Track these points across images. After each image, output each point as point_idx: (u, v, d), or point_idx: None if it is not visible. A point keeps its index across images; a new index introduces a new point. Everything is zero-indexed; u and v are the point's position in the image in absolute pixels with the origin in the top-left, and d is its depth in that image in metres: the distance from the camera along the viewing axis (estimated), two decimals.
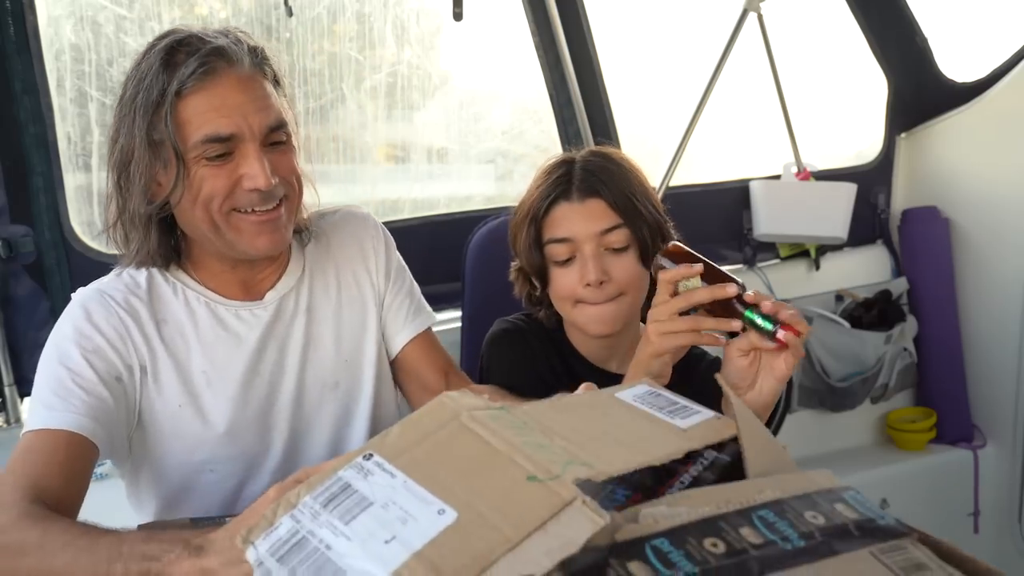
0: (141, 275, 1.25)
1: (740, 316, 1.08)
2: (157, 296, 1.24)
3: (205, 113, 1.11)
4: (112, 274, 1.27)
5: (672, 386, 1.25)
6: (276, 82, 1.21)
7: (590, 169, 1.33)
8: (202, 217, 1.15)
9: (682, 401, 0.76)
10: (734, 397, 0.72)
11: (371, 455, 0.69)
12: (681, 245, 1.15)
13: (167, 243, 1.22)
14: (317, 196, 1.36)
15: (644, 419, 0.74)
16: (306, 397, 1.30)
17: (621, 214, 1.30)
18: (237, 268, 1.26)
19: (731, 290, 1.07)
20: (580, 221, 1.30)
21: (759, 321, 1.07)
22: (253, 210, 1.16)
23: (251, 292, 1.28)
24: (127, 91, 1.15)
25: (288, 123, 1.19)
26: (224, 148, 1.12)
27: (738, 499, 0.60)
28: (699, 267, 1.09)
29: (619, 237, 1.30)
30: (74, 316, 1.19)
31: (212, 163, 1.13)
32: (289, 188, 1.20)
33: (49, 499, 1.02)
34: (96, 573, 0.88)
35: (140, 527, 1.04)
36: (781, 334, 1.06)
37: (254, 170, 1.13)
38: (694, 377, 1.30)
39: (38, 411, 1.12)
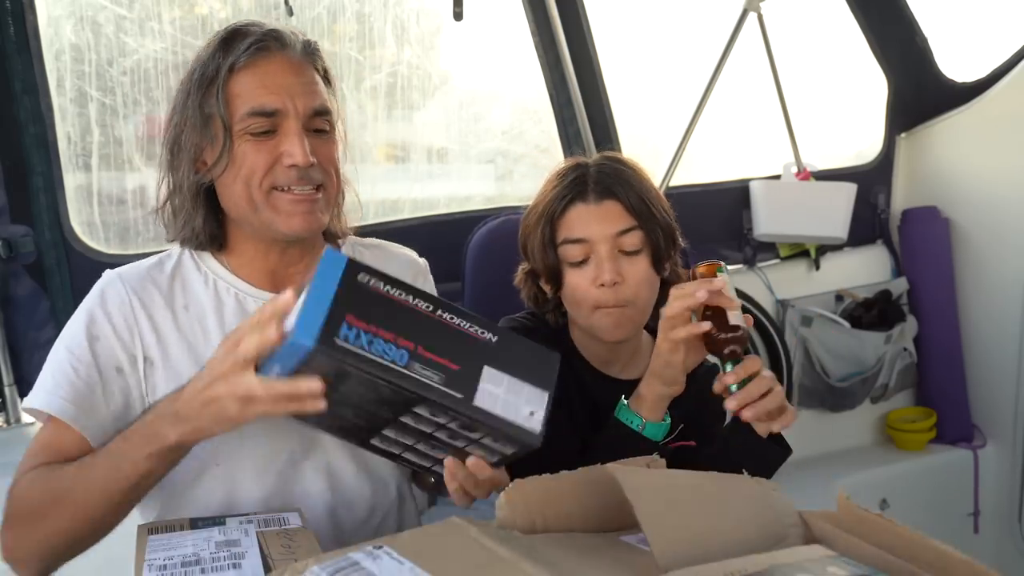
0: (171, 261, 1.27)
1: (720, 354, 1.12)
2: (182, 282, 1.25)
3: (254, 88, 1.15)
4: (151, 259, 1.28)
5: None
6: (327, 80, 1.25)
7: (606, 172, 1.34)
8: (242, 193, 1.18)
9: None
10: (632, 495, 0.74)
11: (381, 547, 0.72)
12: (713, 267, 1.17)
13: (212, 222, 1.24)
14: (358, 197, 1.36)
15: (638, 552, 0.77)
16: None
17: (636, 216, 1.30)
18: (269, 254, 1.26)
19: (717, 283, 1.11)
20: (596, 222, 1.31)
21: (726, 377, 1.12)
22: (291, 189, 1.18)
23: (279, 285, 1.26)
24: (187, 73, 1.21)
25: (332, 113, 1.22)
26: (268, 124, 1.16)
27: (725, 571, 0.62)
28: (720, 282, 1.13)
29: (634, 240, 1.30)
30: (92, 298, 1.22)
31: (256, 139, 1.16)
32: (327, 177, 1.21)
33: None
34: (108, 477, 1.05)
35: (140, 527, 1.04)
36: (730, 402, 1.12)
37: (293, 146, 1.15)
38: (691, 384, 1.31)
39: (44, 393, 1.16)
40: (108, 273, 1.24)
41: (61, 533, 1.08)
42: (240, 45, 1.16)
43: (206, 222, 1.23)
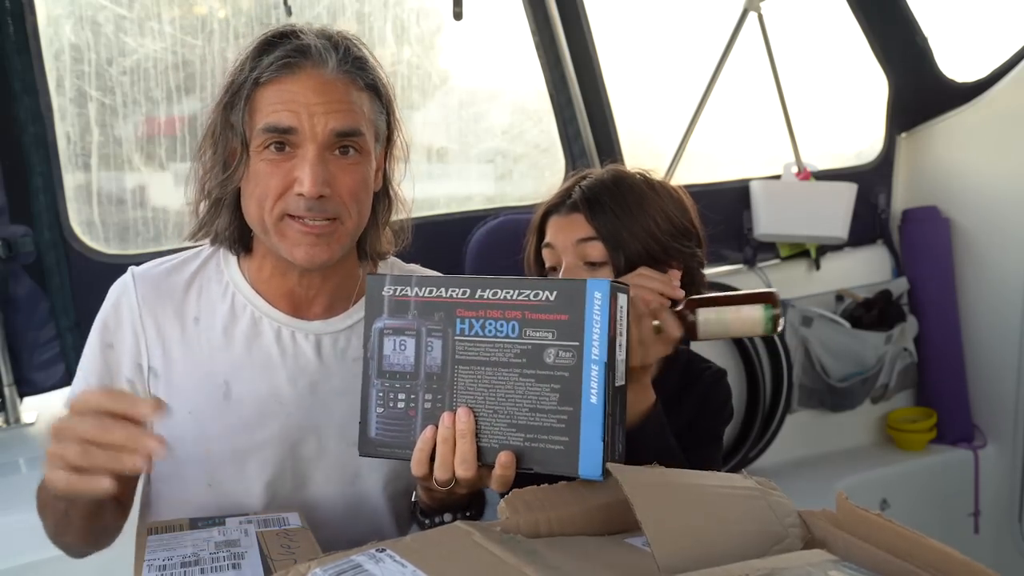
0: (195, 263, 1.23)
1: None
2: (199, 290, 1.21)
3: (273, 104, 1.10)
4: (176, 257, 1.25)
5: (675, 396, 1.26)
6: (379, 97, 1.17)
7: (587, 186, 1.33)
8: (255, 213, 1.13)
9: None
10: (630, 492, 0.73)
11: (383, 549, 0.72)
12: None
13: (237, 227, 1.19)
14: (407, 210, 1.31)
15: (642, 555, 0.77)
16: (343, 461, 1.22)
17: (596, 229, 1.29)
18: (288, 275, 1.20)
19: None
20: (561, 230, 1.32)
21: None
22: (302, 219, 1.11)
23: (298, 309, 1.23)
24: (226, 73, 1.16)
25: (365, 136, 1.13)
26: (282, 139, 1.10)
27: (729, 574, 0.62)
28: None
29: (595, 251, 1.28)
30: (107, 304, 1.21)
31: (272, 158, 1.11)
32: (343, 209, 1.13)
33: None
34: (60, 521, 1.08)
35: (140, 527, 1.04)
36: None
37: (304, 173, 1.08)
38: (696, 387, 1.30)
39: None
40: (126, 275, 1.22)
41: (79, 544, 1.17)
42: (267, 59, 1.10)
43: (228, 227, 1.19)
